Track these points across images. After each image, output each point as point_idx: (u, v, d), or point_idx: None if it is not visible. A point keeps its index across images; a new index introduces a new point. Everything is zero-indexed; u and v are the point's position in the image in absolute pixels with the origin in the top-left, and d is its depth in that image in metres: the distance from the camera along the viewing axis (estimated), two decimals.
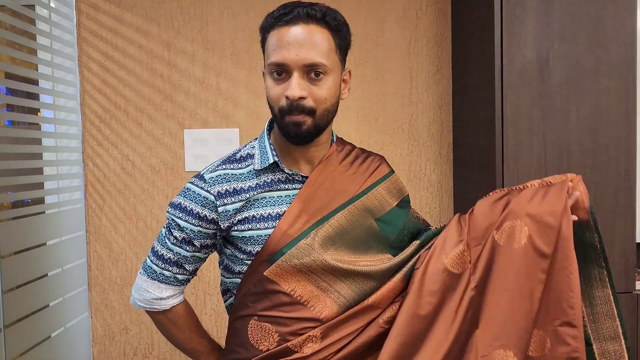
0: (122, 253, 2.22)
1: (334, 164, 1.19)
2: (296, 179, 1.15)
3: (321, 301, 1.10)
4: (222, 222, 1.12)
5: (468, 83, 2.12)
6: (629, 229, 1.87)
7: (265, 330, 1.11)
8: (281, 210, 1.12)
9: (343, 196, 1.16)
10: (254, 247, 1.11)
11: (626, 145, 1.85)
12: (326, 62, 1.05)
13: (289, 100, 1.04)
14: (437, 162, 2.31)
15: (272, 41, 1.06)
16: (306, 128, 1.07)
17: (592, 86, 1.84)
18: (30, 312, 1.82)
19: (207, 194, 1.12)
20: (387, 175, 1.24)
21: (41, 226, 1.93)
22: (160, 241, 1.18)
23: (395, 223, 1.21)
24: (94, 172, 2.21)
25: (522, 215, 1.10)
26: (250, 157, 1.16)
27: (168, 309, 1.19)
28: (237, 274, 1.16)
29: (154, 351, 2.24)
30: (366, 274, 1.12)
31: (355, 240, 1.14)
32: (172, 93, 2.22)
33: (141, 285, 1.18)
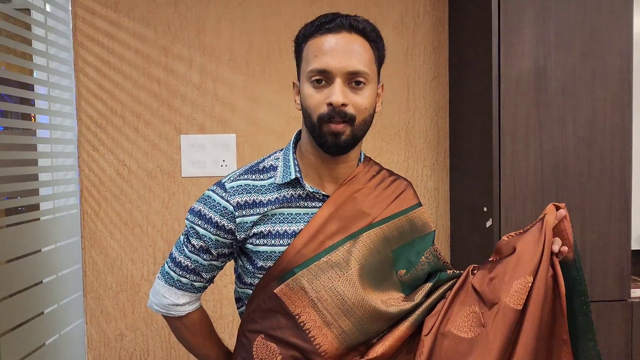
0: (117, 259, 2.21)
1: (360, 183, 1.15)
2: (317, 197, 1.12)
3: (322, 333, 1.06)
4: (239, 234, 1.10)
5: (465, 91, 2.13)
6: (624, 237, 1.88)
7: (270, 350, 1.09)
8: (298, 228, 1.09)
9: (363, 219, 1.12)
10: (266, 262, 1.10)
11: (622, 154, 1.87)
12: (368, 70, 1.05)
13: (331, 106, 1.02)
14: (434, 169, 2.32)
15: (314, 48, 1.05)
16: (345, 138, 1.04)
17: (588, 95, 1.86)
18: (24, 320, 1.81)
19: (227, 204, 1.10)
20: (413, 207, 1.19)
21: (36, 233, 1.91)
22: (178, 248, 1.17)
23: (408, 258, 1.16)
24: (90, 177, 2.20)
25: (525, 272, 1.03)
26: (273, 169, 1.14)
27: (184, 315, 1.18)
28: (249, 285, 1.15)
29: (150, 357, 2.23)
30: (375, 313, 1.08)
31: (370, 270, 1.11)
32: (168, 98, 2.21)
33: (159, 290, 1.17)
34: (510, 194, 1.84)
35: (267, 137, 2.24)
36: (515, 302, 1.01)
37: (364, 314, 1.07)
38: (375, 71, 1.08)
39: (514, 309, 1.00)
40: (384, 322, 1.10)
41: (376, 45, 1.09)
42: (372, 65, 1.07)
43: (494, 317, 1.01)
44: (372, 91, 1.07)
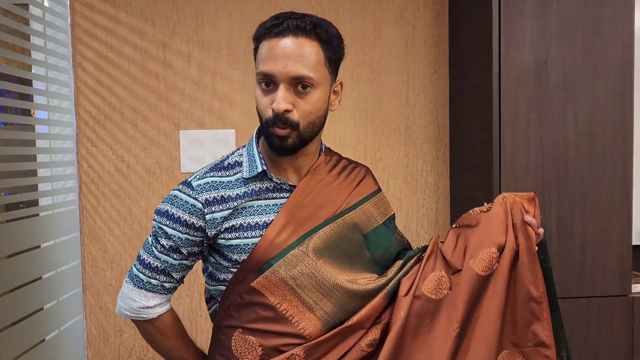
0: (117, 255, 2.21)
1: (322, 174, 1.19)
2: (284, 188, 1.15)
3: (306, 317, 1.09)
4: (210, 230, 1.11)
5: (465, 85, 2.11)
6: (625, 232, 1.87)
7: (249, 343, 1.10)
8: (269, 219, 1.11)
9: (330, 207, 1.16)
10: (240, 255, 1.10)
11: (623, 147, 1.86)
12: (313, 75, 1.05)
13: (274, 112, 1.05)
14: (434, 164, 2.31)
15: (262, 51, 1.06)
16: (291, 141, 1.07)
17: (589, 89, 1.84)
18: (24, 315, 1.81)
19: (195, 202, 1.10)
20: (375, 192, 1.25)
21: (35, 228, 1.91)
22: (146, 249, 1.16)
23: (382, 241, 1.22)
24: (89, 173, 2.19)
25: (490, 242, 1.13)
26: (239, 165, 1.16)
27: (155, 318, 1.17)
28: (222, 281, 1.15)
29: (149, 353, 2.23)
30: (353, 293, 1.12)
31: (342, 254, 1.15)
32: (167, 93, 2.20)
33: (127, 294, 1.16)
34: (510, 189, 1.83)
35: None
36: (481, 268, 1.11)
37: (343, 295, 1.12)
38: (325, 73, 1.08)
39: (478, 274, 1.11)
40: (363, 300, 1.14)
41: (328, 47, 1.08)
42: (320, 67, 1.06)
43: (459, 281, 1.12)
44: (320, 94, 1.07)
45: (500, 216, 1.15)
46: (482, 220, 1.17)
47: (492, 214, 1.17)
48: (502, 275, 1.10)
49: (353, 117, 2.25)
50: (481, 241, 1.14)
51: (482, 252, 1.12)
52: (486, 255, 1.12)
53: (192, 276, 2.21)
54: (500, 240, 1.12)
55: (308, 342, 1.08)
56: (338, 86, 1.15)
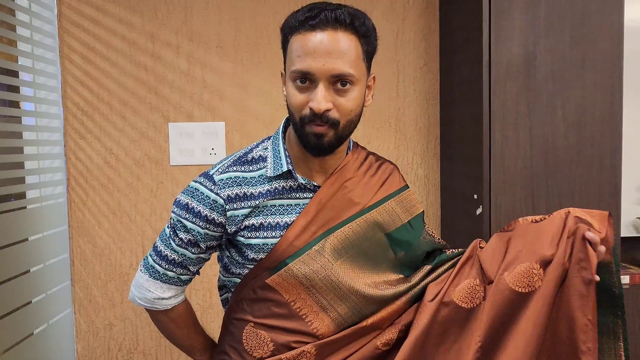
0: (106, 248, 2.19)
1: (349, 173, 1.14)
2: (308, 188, 1.10)
3: (319, 318, 1.08)
4: (230, 227, 1.08)
5: (455, 77, 2.11)
6: (614, 224, 1.88)
7: (260, 338, 1.09)
8: (290, 219, 1.08)
9: (353, 207, 1.12)
10: (258, 254, 1.08)
11: (611, 139, 1.86)
12: (354, 71, 0.98)
13: (312, 110, 0.98)
14: (424, 156, 2.31)
15: (297, 46, 0.99)
16: (328, 140, 1.01)
17: (578, 81, 1.85)
18: (12, 309, 1.79)
19: (217, 197, 1.06)
20: (400, 190, 1.19)
21: (23, 222, 1.89)
22: (164, 242, 1.13)
23: (407, 240, 1.16)
24: (77, 165, 2.17)
25: (535, 257, 1.03)
26: (263, 160, 1.11)
27: (170, 309, 1.16)
28: (236, 275, 1.14)
29: (139, 347, 2.22)
30: (370, 298, 1.09)
31: (363, 255, 1.11)
32: (156, 85, 2.18)
33: (142, 284, 1.14)
34: (500, 181, 1.83)
35: (257, 125, 2.22)
36: (516, 284, 1.02)
37: (359, 299, 1.09)
38: (363, 68, 1.03)
39: (512, 289, 1.02)
40: (379, 305, 1.11)
41: (366, 40, 1.02)
42: (359, 63, 1.00)
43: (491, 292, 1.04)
44: (359, 91, 1.01)
45: (553, 230, 1.04)
46: (530, 232, 1.07)
47: (543, 225, 1.07)
48: (545, 294, 0.99)
49: None
50: (522, 253, 1.04)
51: (520, 265, 1.03)
52: (524, 270, 1.02)
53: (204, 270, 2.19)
54: (545, 254, 1.01)
55: (320, 341, 1.07)
56: (372, 80, 1.09)
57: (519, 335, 1.00)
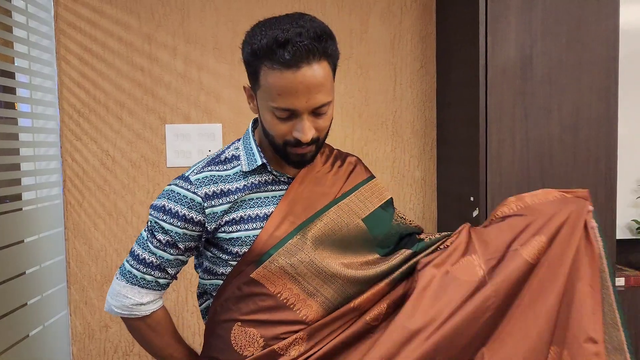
0: (102, 250, 2.19)
1: (318, 165, 1.20)
2: (282, 180, 1.15)
3: (307, 305, 1.09)
4: (209, 224, 1.10)
5: (452, 80, 2.12)
6: (609, 226, 1.89)
7: (249, 335, 1.09)
8: (269, 210, 1.11)
9: (327, 197, 1.17)
10: (241, 248, 1.10)
11: (607, 142, 1.87)
12: (331, 96, 1.05)
13: (298, 139, 1.04)
14: (421, 158, 2.31)
15: (274, 83, 1.00)
16: (310, 155, 1.09)
17: (574, 84, 1.85)
18: (8, 311, 1.78)
19: (194, 196, 1.09)
20: (369, 179, 1.26)
21: (19, 223, 1.89)
22: (141, 245, 1.14)
23: (381, 224, 1.22)
24: (73, 167, 2.17)
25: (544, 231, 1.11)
26: (236, 159, 1.15)
27: (148, 315, 1.15)
28: (220, 275, 1.14)
29: (135, 349, 2.21)
30: (354, 279, 1.12)
31: (343, 241, 1.15)
32: (152, 87, 2.18)
33: (119, 291, 1.14)
34: (496, 183, 1.84)
35: None
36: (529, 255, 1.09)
37: (343, 281, 1.12)
38: (333, 85, 1.07)
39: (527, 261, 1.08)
40: (363, 285, 1.14)
41: (332, 59, 1.05)
42: (332, 84, 1.06)
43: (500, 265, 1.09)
44: (332, 107, 1.08)
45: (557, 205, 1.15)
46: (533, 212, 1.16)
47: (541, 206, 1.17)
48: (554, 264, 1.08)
49: (340, 112, 2.25)
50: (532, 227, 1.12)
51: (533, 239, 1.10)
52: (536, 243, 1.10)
53: None
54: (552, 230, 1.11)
55: (310, 326, 1.09)
56: None
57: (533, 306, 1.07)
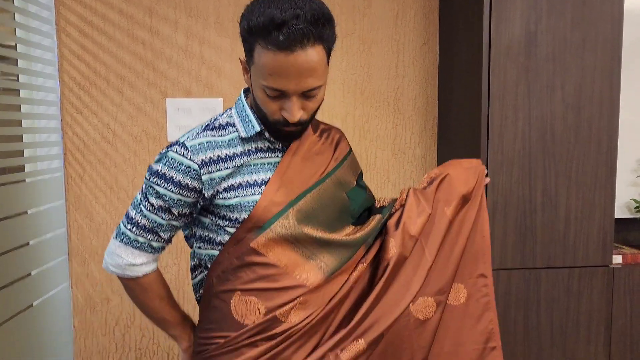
0: (103, 223, 2.19)
1: (310, 134, 1.21)
2: (277, 148, 1.17)
3: (306, 270, 1.12)
4: (207, 191, 1.10)
5: (455, 57, 2.11)
6: (608, 205, 1.91)
7: (250, 304, 1.11)
8: (266, 176, 1.13)
9: (320, 165, 1.20)
10: (240, 213, 1.11)
11: (609, 122, 1.88)
12: (322, 81, 1.07)
13: (286, 119, 1.07)
14: (422, 136, 2.32)
15: (266, 63, 1.01)
16: (297, 133, 1.13)
17: (578, 62, 1.85)
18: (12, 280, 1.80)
19: (190, 162, 1.09)
20: (349, 152, 1.30)
21: (21, 194, 1.89)
22: (135, 207, 1.15)
23: (358, 197, 1.27)
24: (74, 140, 2.16)
25: (458, 194, 1.29)
26: (231, 126, 1.15)
27: (140, 276, 1.16)
28: (217, 244, 1.14)
29: (136, 321, 2.24)
30: (346, 244, 1.17)
31: (331, 213, 1.18)
32: (153, 61, 2.16)
33: (114, 251, 1.15)
34: (497, 161, 1.85)
35: None
36: (451, 215, 1.27)
37: (338, 246, 1.16)
38: (327, 68, 1.08)
39: (450, 219, 1.27)
40: (354, 248, 1.19)
41: (327, 43, 1.05)
42: (325, 68, 1.07)
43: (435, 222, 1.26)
44: (323, 90, 1.09)
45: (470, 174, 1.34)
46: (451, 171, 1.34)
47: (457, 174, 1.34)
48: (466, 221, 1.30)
49: (342, 88, 2.24)
50: (452, 191, 1.29)
51: (454, 202, 1.28)
52: (455, 204, 1.28)
53: (180, 244, 2.20)
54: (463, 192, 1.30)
55: (310, 290, 1.12)
56: None
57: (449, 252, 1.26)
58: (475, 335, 1.27)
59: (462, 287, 1.28)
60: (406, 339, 1.19)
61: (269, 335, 1.10)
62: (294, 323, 1.10)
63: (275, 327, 1.10)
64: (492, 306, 1.30)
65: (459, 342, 1.26)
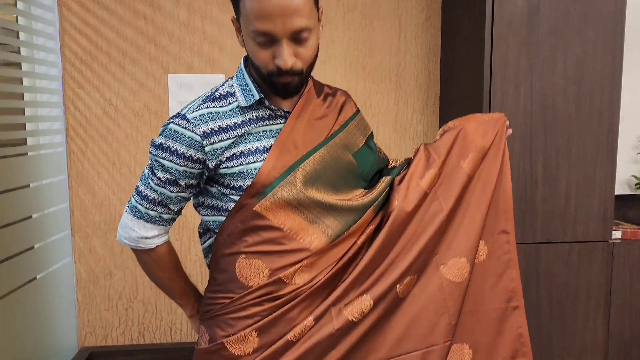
0: (105, 199, 2.20)
1: (313, 98, 1.20)
2: (279, 115, 1.16)
3: (310, 234, 1.12)
4: (210, 161, 1.11)
5: (457, 32, 2.10)
6: (609, 180, 1.91)
7: (254, 266, 1.12)
8: (268, 144, 1.13)
9: (323, 129, 1.18)
10: (244, 181, 1.11)
11: (610, 97, 1.88)
12: (310, 22, 1.04)
13: (279, 67, 1.05)
14: (424, 112, 2.32)
15: (251, 7, 1.02)
16: (295, 85, 1.09)
17: (580, 36, 1.85)
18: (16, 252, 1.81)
19: (192, 134, 1.10)
20: (357, 113, 1.28)
21: (23, 168, 1.90)
22: (143, 182, 1.16)
23: (367, 159, 1.25)
24: (76, 115, 2.16)
25: (474, 147, 1.27)
26: (231, 95, 1.15)
27: (152, 248, 1.19)
28: (224, 211, 1.16)
29: (139, 295, 2.26)
30: (350, 208, 1.16)
31: (336, 176, 1.17)
32: (155, 36, 2.16)
33: (127, 224, 1.18)
34: None
35: None
36: (470, 169, 1.25)
37: (343, 209, 1.15)
38: (316, 13, 1.07)
39: (468, 174, 1.25)
40: (361, 212, 1.18)
41: None
42: (313, 11, 1.05)
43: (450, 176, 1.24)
44: (315, 36, 1.08)
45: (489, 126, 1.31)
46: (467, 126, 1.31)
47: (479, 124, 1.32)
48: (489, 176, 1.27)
49: (344, 64, 2.24)
50: (468, 144, 1.27)
51: (471, 155, 1.25)
52: (472, 158, 1.25)
53: (182, 220, 2.22)
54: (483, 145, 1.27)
55: (314, 254, 1.12)
56: (320, 14, 1.14)
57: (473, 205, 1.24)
58: (497, 294, 1.25)
59: (482, 244, 1.25)
60: (441, 304, 1.18)
61: (273, 296, 1.11)
62: (299, 285, 1.11)
63: (280, 289, 1.11)
64: (514, 264, 1.27)
65: (479, 301, 1.24)
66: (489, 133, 1.29)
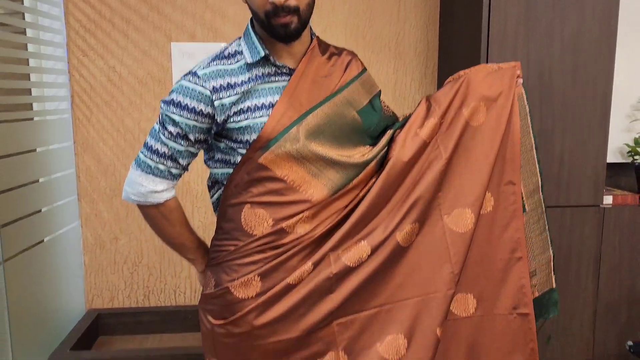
0: (110, 165, 2.25)
1: (318, 56, 1.25)
2: (284, 72, 1.21)
3: (312, 186, 1.18)
4: (219, 116, 1.17)
5: (456, 2, 2.13)
6: (601, 147, 1.97)
7: (258, 216, 1.18)
8: (274, 99, 1.18)
9: (328, 86, 1.23)
10: (251, 135, 1.17)
11: (604, 66, 1.92)
12: None
13: (274, 4, 1.10)
14: (422, 81, 2.36)
15: None
16: (294, 26, 1.14)
17: (577, 6, 1.88)
18: (24, 215, 1.86)
19: (203, 89, 1.15)
20: (363, 72, 1.31)
21: (30, 132, 1.94)
22: (153, 136, 1.20)
23: (372, 117, 1.29)
24: (80, 82, 2.19)
25: (479, 96, 1.28)
26: (239, 54, 1.21)
27: (161, 203, 1.23)
28: (232, 165, 1.21)
29: (144, 260, 2.32)
30: (354, 164, 1.22)
31: (339, 131, 1.22)
32: (158, 4, 2.18)
33: (135, 180, 1.21)
34: None
35: None
36: (471, 118, 1.27)
37: (346, 164, 1.21)
38: None
39: (468, 123, 1.27)
40: (362, 168, 1.23)
41: None
42: None
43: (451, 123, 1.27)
44: None
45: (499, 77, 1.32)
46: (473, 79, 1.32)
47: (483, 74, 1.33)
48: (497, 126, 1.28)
49: (344, 32, 2.27)
50: (470, 92, 1.29)
51: (473, 103, 1.28)
52: (474, 106, 1.28)
53: (185, 187, 2.27)
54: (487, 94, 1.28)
55: (315, 205, 1.18)
56: None
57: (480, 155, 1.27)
58: (503, 244, 1.27)
59: (489, 194, 1.27)
60: (443, 253, 1.22)
61: (275, 245, 1.17)
62: (300, 234, 1.17)
63: (282, 238, 1.17)
64: (519, 214, 1.29)
65: (485, 252, 1.27)
66: (496, 83, 1.30)
